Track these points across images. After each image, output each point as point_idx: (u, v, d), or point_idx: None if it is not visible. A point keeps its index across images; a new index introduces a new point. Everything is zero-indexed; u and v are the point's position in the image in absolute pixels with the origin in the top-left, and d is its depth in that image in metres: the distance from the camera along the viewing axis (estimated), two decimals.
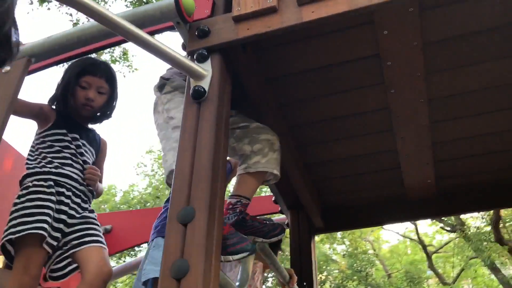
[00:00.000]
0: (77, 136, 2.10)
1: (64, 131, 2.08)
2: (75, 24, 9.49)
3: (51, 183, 1.93)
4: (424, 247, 15.85)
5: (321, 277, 16.66)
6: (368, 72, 1.91)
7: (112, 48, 9.85)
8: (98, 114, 2.22)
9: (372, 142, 2.28)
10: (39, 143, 2.08)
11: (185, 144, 1.45)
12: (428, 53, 1.81)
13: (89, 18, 1.49)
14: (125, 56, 10.22)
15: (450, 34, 1.77)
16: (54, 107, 2.19)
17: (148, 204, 14.03)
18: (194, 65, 1.56)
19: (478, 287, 16.83)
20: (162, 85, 1.98)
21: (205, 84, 1.56)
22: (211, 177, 1.35)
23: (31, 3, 8.91)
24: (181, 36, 1.75)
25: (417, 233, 15.72)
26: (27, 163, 2.06)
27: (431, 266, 15.96)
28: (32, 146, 2.12)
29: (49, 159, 2.02)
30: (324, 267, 16.83)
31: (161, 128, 1.88)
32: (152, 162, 15.64)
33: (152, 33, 1.88)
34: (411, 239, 17.60)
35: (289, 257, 2.68)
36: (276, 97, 2.04)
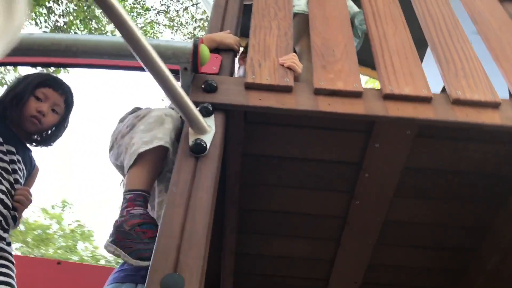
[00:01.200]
0: (13, 149, 1.77)
1: (0, 140, 1.74)
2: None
3: None
4: None
5: None
6: (343, 178, 1.90)
7: None
8: (39, 135, 1.91)
9: (313, 247, 2.22)
10: None
11: (176, 199, 1.26)
12: (404, 177, 1.87)
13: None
14: None
15: (429, 165, 1.85)
16: None
17: None
18: (201, 117, 1.43)
19: None
20: (134, 111, 1.83)
21: (207, 139, 1.42)
22: (205, 244, 1.17)
23: None
24: (181, 83, 1.61)
25: None
26: None
27: None
28: None
29: None
30: None
31: (127, 125, 1.69)
32: None
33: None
34: None
35: None
36: (243, 174, 1.92)
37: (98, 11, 9.88)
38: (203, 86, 1.55)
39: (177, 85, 1.34)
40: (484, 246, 2.09)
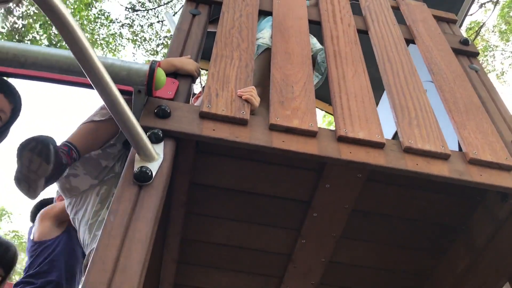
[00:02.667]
0: None
1: None
2: None
3: None
4: None
5: None
6: (291, 215, 1.88)
7: None
8: None
9: (256, 283, 2.16)
10: None
11: (113, 229, 1.19)
12: (352, 218, 1.86)
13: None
14: None
15: (375, 209, 1.86)
16: None
17: None
18: (148, 143, 1.36)
19: None
20: None
21: (153, 167, 1.36)
22: (138, 281, 1.10)
23: None
24: (134, 105, 1.55)
25: None
26: None
27: None
28: None
29: None
30: None
31: None
32: None
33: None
34: None
35: None
36: (190, 204, 1.86)
37: None
38: (155, 111, 1.49)
39: (127, 108, 1.28)
40: None
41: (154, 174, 1.34)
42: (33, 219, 2.53)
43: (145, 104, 1.53)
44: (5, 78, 1.81)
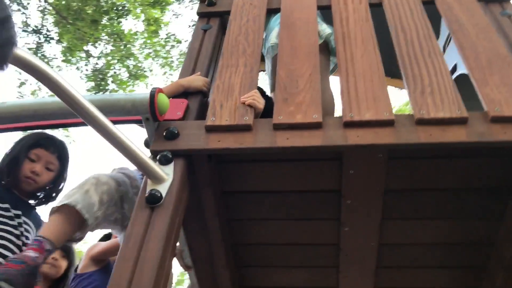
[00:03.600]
0: (20, 213, 1.89)
1: (7, 205, 1.86)
2: (22, 84, 9.23)
3: None
4: None
5: None
6: (326, 206, 1.88)
7: None
8: (41, 192, 2.03)
9: (314, 276, 2.19)
10: None
11: (127, 253, 1.30)
12: (388, 199, 1.82)
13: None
14: None
15: (411, 186, 1.80)
16: None
17: None
18: (156, 167, 1.47)
19: None
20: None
21: (162, 189, 1.45)
22: None
23: None
24: (146, 132, 1.66)
25: None
26: None
27: None
28: None
29: None
30: None
31: None
32: None
33: (118, 122, 1.78)
34: None
35: None
36: (227, 212, 1.94)
37: (134, 49, 10.29)
38: (164, 134, 1.59)
39: (127, 140, 1.39)
40: (491, 264, 1.98)
41: (164, 195, 1.44)
42: None
43: (156, 129, 1.63)
44: (42, 132, 2.02)
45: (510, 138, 1.46)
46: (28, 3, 8.93)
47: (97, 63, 9.90)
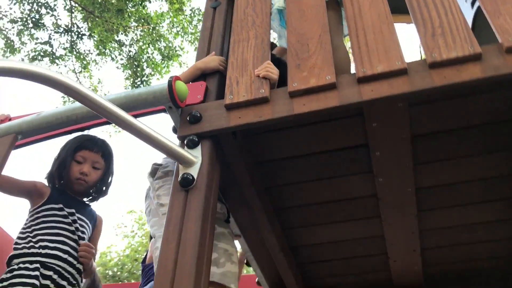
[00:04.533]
0: (73, 210, 2.07)
1: (60, 205, 2.05)
2: None
3: (37, 265, 1.86)
4: None
5: None
6: (357, 161, 1.92)
7: None
8: (92, 190, 2.20)
9: (358, 228, 2.25)
10: (32, 220, 2.05)
11: (169, 235, 1.41)
12: (417, 145, 1.83)
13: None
14: None
15: (437, 128, 1.80)
16: (48, 183, 2.18)
17: (126, 266, 13.58)
18: (184, 152, 1.55)
19: None
20: (154, 171, 1.97)
21: (194, 171, 1.54)
22: (194, 275, 1.30)
23: (22, 60, 8.99)
24: (172, 120, 1.75)
25: None
26: (16, 243, 1.99)
27: None
28: (24, 224, 2.07)
29: (40, 237, 1.97)
30: None
31: (152, 214, 1.85)
32: (132, 223, 15.30)
33: (145, 114, 1.88)
34: None
35: None
36: (263, 181, 2.02)
37: (162, 30, 10.40)
38: (188, 119, 1.67)
39: (152, 131, 1.49)
40: None
41: (196, 176, 1.53)
42: None
43: (181, 115, 1.71)
44: (85, 134, 2.17)
45: None
46: (55, 5, 9.17)
47: (130, 51, 10.11)
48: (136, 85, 9.49)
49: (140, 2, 9.45)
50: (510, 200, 2.08)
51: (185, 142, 1.63)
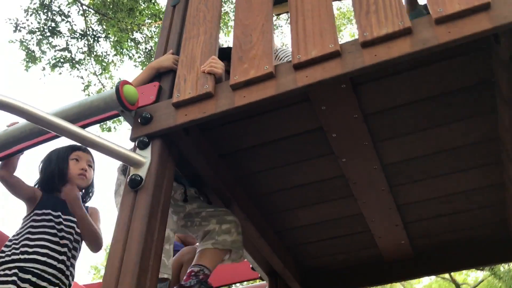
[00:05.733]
0: (60, 213, 2.20)
1: (48, 210, 2.17)
2: (86, 87, 9.86)
3: (16, 270, 1.98)
4: (458, 286, 15.32)
5: None
6: (316, 144, 1.94)
7: None
8: (86, 190, 2.33)
9: (336, 208, 2.27)
10: (22, 227, 2.17)
11: (117, 235, 1.48)
12: (372, 123, 1.84)
13: None
14: None
15: (389, 104, 1.79)
16: (38, 187, 2.31)
17: None
18: (131, 153, 1.62)
19: None
20: (125, 168, 2.05)
21: (142, 172, 1.61)
22: (137, 272, 1.37)
23: (43, 69, 9.30)
24: (128, 122, 1.81)
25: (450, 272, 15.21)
26: (2, 251, 2.11)
27: None
28: (16, 231, 2.20)
29: (22, 242, 2.08)
30: None
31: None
32: None
33: (106, 119, 1.94)
34: (443, 278, 16.98)
35: None
36: (231, 172, 2.07)
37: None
38: (139, 120, 1.73)
39: (97, 138, 1.56)
40: (503, 158, 1.94)
41: (144, 176, 1.59)
42: None
43: (134, 117, 1.78)
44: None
45: (454, 37, 1.40)
46: (69, 11, 9.40)
47: (146, 48, 10.25)
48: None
49: None
50: (483, 168, 2.05)
51: (136, 143, 1.69)
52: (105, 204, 4.57)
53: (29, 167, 2.70)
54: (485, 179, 2.10)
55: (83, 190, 2.40)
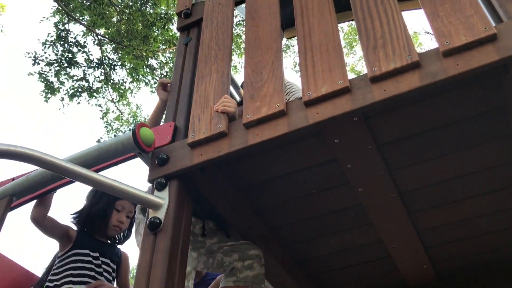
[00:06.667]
0: (98, 254, 2.24)
1: (87, 251, 2.23)
2: (105, 114, 10.03)
3: None
4: None
5: None
6: (333, 175, 1.95)
7: None
8: (119, 237, 2.39)
9: (356, 235, 2.27)
10: (60, 266, 2.24)
11: (139, 280, 1.51)
12: (386, 152, 1.84)
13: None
14: None
15: (402, 134, 1.80)
16: (76, 226, 2.36)
17: None
18: (149, 196, 1.66)
19: None
20: (144, 208, 2.09)
21: (161, 214, 1.64)
22: None
23: (62, 99, 9.50)
24: (145, 164, 1.85)
25: None
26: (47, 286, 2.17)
27: None
28: (53, 271, 2.26)
29: (65, 286, 2.12)
30: None
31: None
32: None
33: (124, 161, 1.99)
34: None
35: None
36: (248, 205, 2.09)
37: None
38: (156, 162, 1.77)
39: (115, 182, 1.60)
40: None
41: (163, 219, 1.62)
42: None
43: (151, 158, 1.82)
44: None
45: (462, 70, 1.42)
46: (85, 41, 9.62)
47: (161, 73, 10.41)
48: None
49: (163, 26, 9.71)
50: (501, 191, 2.03)
51: (153, 185, 1.73)
52: None
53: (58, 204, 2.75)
54: (504, 202, 2.08)
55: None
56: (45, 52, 9.23)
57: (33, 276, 2.49)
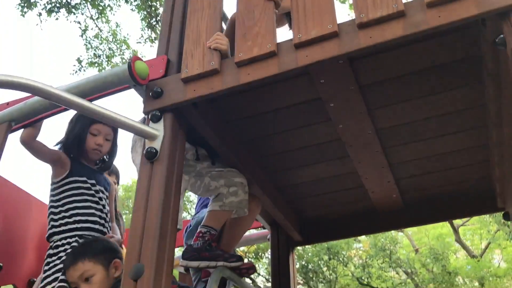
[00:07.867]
0: (94, 181, 2.36)
1: (84, 178, 2.34)
2: (84, 31, 9.79)
3: (76, 238, 2.21)
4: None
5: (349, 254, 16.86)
6: (315, 112, 2.08)
7: None
8: (103, 161, 2.49)
9: (333, 167, 2.45)
10: (61, 192, 2.33)
11: (138, 203, 1.66)
12: (366, 93, 1.97)
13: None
14: None
15: (382, 77, 1.92)
16: (60, 148, 2.46)
17: None
18: (145, 127, 1.77)
19: (509, 257, 16.88)
20: None
21: (157, 144, 1.76)
22: (159, 236, 1.56)
23: (40, 14, 9.20)
24: (140, 95, 1.94)
25: None
26: (52, 219, 2.30)
27: (458, 240, 16.13)
28: (52, 196, 2.36)
29: (71, 211, 2.27)
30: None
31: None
32: None
33: (118, 91, 2.07)
34: None
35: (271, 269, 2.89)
36: (236, 137, 2.22)
37: None
38: (151, 94, 1.86)
39: (111, 113, 1.71)
40: (488, 122, 2.09)
41: (159, 148, 1.75)
42: None
43: (145, 91, 1.91)
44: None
45: (444, 21, 1.51)
46: None
47: None
48: (151, 26, 9.57)
49: None
50: (469, 131, 2.20)
51: (149, 117, 1.83)
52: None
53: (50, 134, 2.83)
54: (471, 141, 2.26)
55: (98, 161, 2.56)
56: None
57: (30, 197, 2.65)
